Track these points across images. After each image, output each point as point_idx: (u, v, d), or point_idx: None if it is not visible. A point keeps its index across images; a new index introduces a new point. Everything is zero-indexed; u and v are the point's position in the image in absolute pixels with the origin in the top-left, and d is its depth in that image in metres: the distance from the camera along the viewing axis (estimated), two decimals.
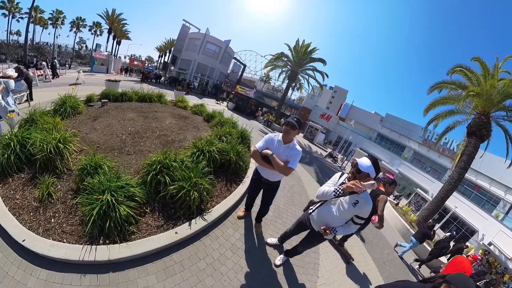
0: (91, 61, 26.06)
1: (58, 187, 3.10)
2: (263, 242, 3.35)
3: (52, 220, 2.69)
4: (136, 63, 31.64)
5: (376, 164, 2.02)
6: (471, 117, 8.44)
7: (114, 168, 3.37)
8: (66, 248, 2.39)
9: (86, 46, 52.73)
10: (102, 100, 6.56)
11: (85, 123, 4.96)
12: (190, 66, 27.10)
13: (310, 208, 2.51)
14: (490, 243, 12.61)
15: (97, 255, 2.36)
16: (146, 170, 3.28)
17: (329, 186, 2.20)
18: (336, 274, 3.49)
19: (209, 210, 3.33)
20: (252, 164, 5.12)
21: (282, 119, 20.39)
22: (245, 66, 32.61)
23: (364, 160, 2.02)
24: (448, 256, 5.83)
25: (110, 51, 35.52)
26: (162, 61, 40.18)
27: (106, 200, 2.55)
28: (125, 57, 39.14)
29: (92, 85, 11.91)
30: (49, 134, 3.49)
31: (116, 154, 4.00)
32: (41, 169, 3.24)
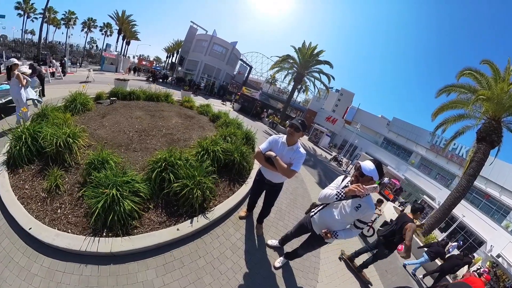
0: (101, 60, 26.81)
1: (66, 180, 3.20)
2: (264, 243, 3.34)
3: (58, 211, 2.78)
4: (145, 63, 32.16)
5: (380, 168, 1.99)
6: (481, 122, 8.16)
7: (121, 164, 3.44)
8: (70, 238, 2.46)
9: (97, 46, 54.19)
10: (111, 98, 6.72)
11: (94, 120, 5.09)
12: (197, 67, 27.40)
13: (312, 211, 2.49)
14: (499, 255, 12.19)
15: (100, 247, 2.42)
16: (151, 167, 3.34)
17: (332, 189, 2.17)
18: (336, 280, 3.44)
19: (211, 209, 3.35)
20: (256, 165, 5.12)
21: (287, 121, 20.35)
22: (251, 68, 32.76)
23: (368, 163, 1.99)
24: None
25: (120, 51, 36.31)
26: (170, 62, 40.77)
27: (111, 194, 2.62)
28: (134, 57, 39.82)
29: (102, 84, 12.17)
30: (59, 129, 3.62)
31: (123, 151, 4.09)
32: (51, 162, 3.35)
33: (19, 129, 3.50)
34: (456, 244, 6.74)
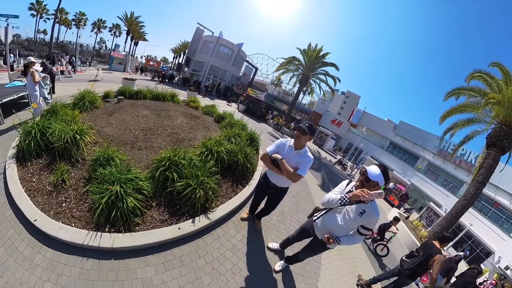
0: (110, 60, 27.51)
1: (72, 175, 3.28)
2: (264, 246, 3.31)
3: (63, 205, 2.84)
4: (152, 63, 32.66)
5: (386, 173, 1.95)
6: (491, 127, 7.90)
7: (125, 161, 3.49)
8: (74, 232, 2.52)
9: (106, 46, 55.46)
10: (118, 97, 6.82)
11: (101, 117, 5.17)
12: (203, 68, 27.62)
13: (315, 215, 2.45)
14: (507, 267, 11.78)
15: (102, 242, 2.46)
16: (156, 166, 3.37)
17: (335, 194, 2.13)
18: (337, 286, 3.38)
19: (213, 209, 3.35)
20: (260, 167, 5.11)
21: (292, 123, 20.28)
22: (257, 69, 32.86)
23: (373, 168, 1.95)
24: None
25: (128, 51, 37.02)
26: (177, 62, 41.27)
27: (115, 191, 2.66)
28: (142, 57, 40.58)
29: (110, 82, 12.41)
30: (68, 125, 3.72)
31: (128, 148, 4.14)
32: (58, 157, 3.45)
33: (29, 124, 3.62)
34: (463, 254, 6.52)
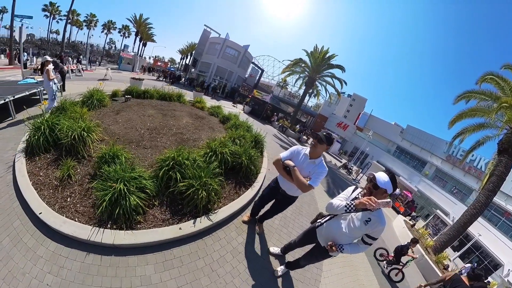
0: (119, 60, 28.17)
1: (78, 171, 3.34)
2: (265, 250, 3.26)
3: (68, 199, 2.90)
4: (159, 64, 33.18)
5: (394, 180, 1.89)
6: (503, 132, 7.57)
7: (130, 160, 3.53)
8: (77, 227, 2.56)
9: (115, 47, 56.68)
10: (126, 96, 6.93)
11: (109, 116, 5.26)
12: (210, 69, 27.87)
13: (318, 221, 2.38)
14: None
15: (103, 238, 2.49)
16: (160, 165, 3.39)
17: (341, 200, 2.06)
18: None
19: (215, 211, 3.33)
20: (264, 169, 5.09)
21: (297, 126, 20.19)
22: (263, 71, 32.92)
23: (382, 175, 1.88)
24: None
25: (137, 52, 37.70)
26: (184, 63, 41.81)
27: (119, 189, 2.69)
28: (150, 58, 41.25)
29: (118, 82, 12.67)
30: (76, 123, 3.80)
31: (134, 147, 4.18)
32: (65, 153, 3.53)
33: (39, 120, 3.74)
34: (470, 266, 6.26)
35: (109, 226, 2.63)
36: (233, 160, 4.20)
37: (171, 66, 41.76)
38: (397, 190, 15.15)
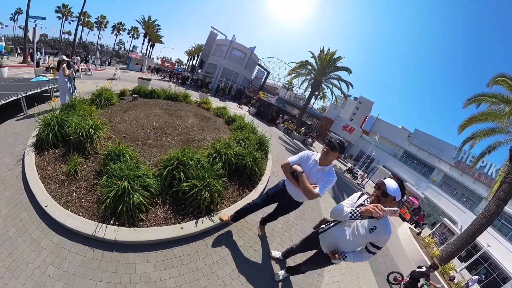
0: (128, 60, 28.80)
1: (84, 167, 3.42)
2: (266, 254, 3.22)
3: (74, 194, 2.97)
4: (167, 65, 33.67)
5: (402, 187, 1.83)
6: None
7: (135, 158, 3.58)
8: (80, 221, 2.62)
9: (124, 47, 58.07)
10: (133, 95, 7.05)
11: (116, 114, 5.35)
12: (216, 70, 28.08)
13: (321, 227, 2.33)
14: None
15: (106, 233, 2.53)
16: (164, 164, 3.42)
17: (346, 206, 2.01)
18: None
19: (218, 212, 3.33)
20: (267, 172, 5.06)
21: (303, 128, 20.08)
22: (269, 73, 32.93)
23: (391, 182, 1.82)
24: None
25: (145, 53, 38.41)
26: (191, 64, 42.28)
27: (123, 186, 2.73)
28: (157, 59, 41.94)
29: (126, 81, 12.91)
30: (84, 120, 3.89)
31: (139, 145, 4.23)
32: (73, 149, 3.62)
33: (48, 117, 3.86)
34: (477, 278, 5.96)
35: (112, 223, 2.67)
36: (237, 162, 4.19)
37: (178, 67, 42.31)
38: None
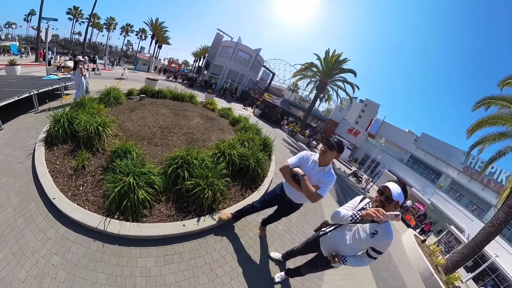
0: (135, 61, 29.36)
1: (91, 162, 3.53)
2: (266, 255, 3.21)
3: (80, 188, 3.08)
4: (174, 66, 34.15)
5: (405, 189, 1.81)
6: None
7: (141, 156, 3.66)
8: (86, 214, 2.70)
9: (132, 48, 59.18)
10: (141, 95, 7.19)
11: (123, 113, 5.47)
12: (222, 72, 28.30)
13: (322, 230, 2.29)
14: None
15: (110, 227, 2.60)
16: (169, 163, 3.47)
17: (347, 210, 1.99)
18: None
19: (220, 211, 3.35)
20: (271, 173, 5.06)
21: (307, 130, 20.01)
22: (274, 75, 32.99)
23: (395, 187, 1.79)
24: None
25: (152, 54, 39.06)
26: (197, 66, 42.79)
27: (129, 182, 2.80)
28: (164, 60, 42.65)
29: (134, 81, 13.15)
30: (93, 118, 4.02)
31: (145, 144, 4.32)
32: (81, 145, 3.75)
33: (59, 114, 4.02)
34: None
35: (116, 217, 2.74)
36: (241, 162, 4.22)
37: (185, 68, 42.84)
38: (409, 202, 14.53)
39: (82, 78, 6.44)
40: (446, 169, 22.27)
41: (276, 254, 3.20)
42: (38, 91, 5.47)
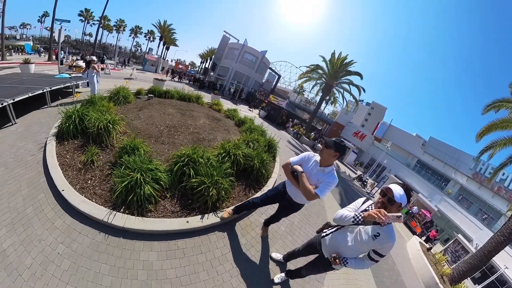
0: (144, 62, 30.01)
1: (100, 157, 3.65)
2: (267, 255, 3.21)
3: (89, 182, 3.19)
4: (181, 67, 34.65)
5: (408, 192, 1.79)
6: None
7: (148, 153, 3.75)
8: (93, 207, 2.79)
9: (141, 49, 60.38)
10: (149, 95, 7.34)
11: (132, 111, 5.61)
12: (228, 73, 28.55)
13: (324, 231, 2.29)
14: None
15: (115, 220, 2.68)
16: (175, 160, 3.54)
17: (349, 211, 1.98)
18: None
19: (223, 210, 3.38)
20: (275, 174, 5.08)
21: (312, 133, 19.92)
22: (280, 77, 33.07)
23: (397, 188, 1.78)
24: None
25: (160, 55, 39.77)
26: (203, 67, 43.30)
27: (136, 178, 2.88)
28: (172, 61, 43.31)
29: (142, 81, 13.42)
30: (102, 115, 4.15)
31: (152, 142, 4.42)
32: (91, 141, 3.90)
33: (70, 110, 4.18)
34: None
35: (122, 211, 2.81)
36: (245, 163, 4.25)
37: (192, 69, 43.40)
38: (415, 208, 14.22)
39: (95, 77, 6.69)
40: (455, 175, 21.57)
41: (277, 255, 3.19)
42: (51, 89, 5.67)
